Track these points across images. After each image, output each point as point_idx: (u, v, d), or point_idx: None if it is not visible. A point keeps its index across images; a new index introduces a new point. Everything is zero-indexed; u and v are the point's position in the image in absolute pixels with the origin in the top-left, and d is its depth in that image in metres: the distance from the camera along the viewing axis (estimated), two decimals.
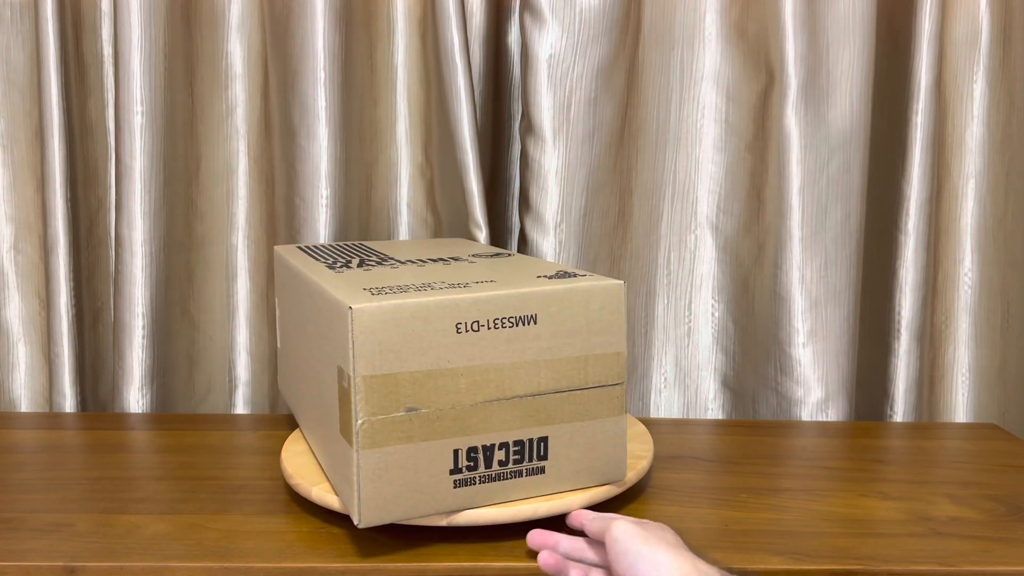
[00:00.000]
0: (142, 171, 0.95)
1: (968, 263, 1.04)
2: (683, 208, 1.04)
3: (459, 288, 0.61)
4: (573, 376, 0.63)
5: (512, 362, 0.61)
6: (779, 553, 0.63)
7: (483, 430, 0.61)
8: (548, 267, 0.70)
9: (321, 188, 0.95)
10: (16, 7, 1.01)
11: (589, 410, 0.64)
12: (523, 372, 0.61)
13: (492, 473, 0.62)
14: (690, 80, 1.02)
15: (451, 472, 0.61)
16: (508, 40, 1.03)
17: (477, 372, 0.60)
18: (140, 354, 0.97)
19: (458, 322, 0.59)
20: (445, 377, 0.59)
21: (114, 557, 0.62)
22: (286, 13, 0.94)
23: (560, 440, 0.63)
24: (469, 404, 0.60)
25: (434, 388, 0.59)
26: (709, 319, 1.05)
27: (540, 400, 0.62)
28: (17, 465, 0.80)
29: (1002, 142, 1.02)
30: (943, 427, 0.95)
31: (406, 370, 0.58)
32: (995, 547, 0.65)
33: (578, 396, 0.63)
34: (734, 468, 0.80)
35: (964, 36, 1.01)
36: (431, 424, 0.60)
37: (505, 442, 0.62)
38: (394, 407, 0.58)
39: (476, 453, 0.61)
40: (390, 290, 0.61)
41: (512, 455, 0.62)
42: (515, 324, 0.60)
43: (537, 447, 0.63)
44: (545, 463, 0.64)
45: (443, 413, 0.60)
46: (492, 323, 0.60)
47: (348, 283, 0.64)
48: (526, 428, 0.62)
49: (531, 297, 0.61)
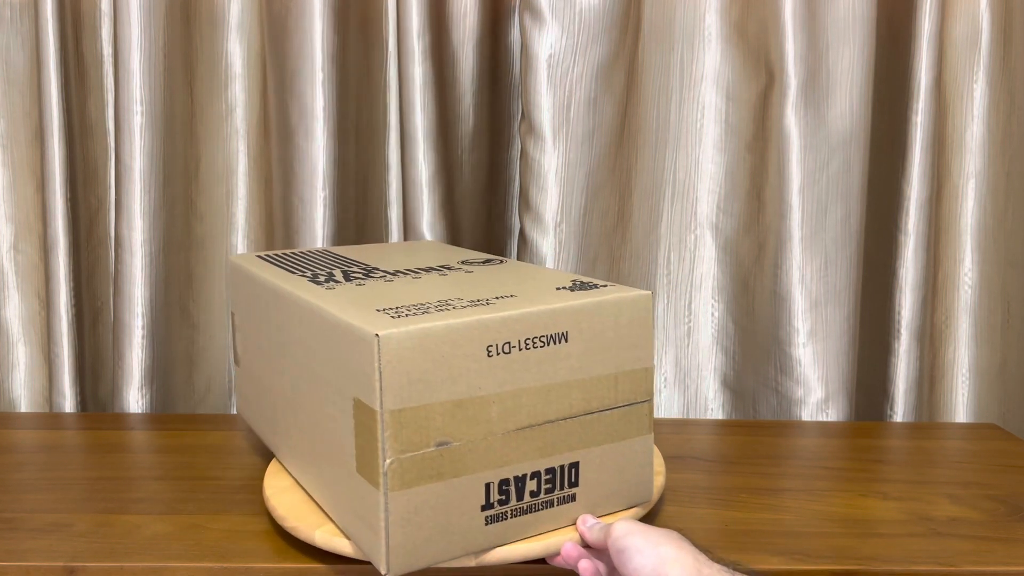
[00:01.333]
0: (142, 171, 0.95)
1: (968, 263, 1.04)
2: (683, 208, 1.04)
3: (483, 306, 0.56)
4: (604, 395, 0.59)
5: (543, 385, 0.57)
6: (779, 553, 0.63)
7: (515, 460, 0.57)
8: (559, 276, 0.66)
9: (319, 188, 0.95)
10: (16, 7, 1.01)
11: (619, 430, 0.60)
12: (555, 395, 0.57)
13: (524, 505, 0.58)
14: (690, 80, 1.02)
15: (483, 508, 0.56)
16: (508, 40, 1.03)
17: (509, 398, 0.55)
18: (140, 354, 0.97)
19: (489, 344, 0.54)
20: (476, 406, 0.54)
21: (114, 557, 0.62)
22: (284, 13, 0.94)
23: (591, 464, 0.60)
24: (501, 433, 0.56)
25: (465, 419, 0.54)
26: (709, 319, 1.05)
27: (572, 423, 0.58)
28: (17, 465, 0.80)
29: (1002, 142, 1.02)
30: (943, 427, 0.95)
31: (436, 401, 0.53)
32: (995, 547, 0.65)
33: (608, 416, 0.60)
34: (734, 468, 0.80)
35: (964, 36, 1.01)
36: (463, 458, 0.55)
37: (537, 471, 0.58)
38: (424, 443, 0.53)
39: (508, 485, 0.57)
40: (408, 311, 0.55)
41: (544, 484, 0.58)
42: (546, 343, 0.56)
43: (568, 474, 0.59)
44: (576, 490, 0.60)
45: (475, 445, 0.55)
46: (523, 344, 0.55)
47: (351, 302, 0.59)
48: (558, 454, 0.58)
49: (562, 313, 0.57)
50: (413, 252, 0.80)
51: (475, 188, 1.02)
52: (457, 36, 0.98)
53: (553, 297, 0.58)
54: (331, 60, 0.94)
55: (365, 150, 1.02)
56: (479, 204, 1.03)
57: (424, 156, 0.94)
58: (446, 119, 0.98)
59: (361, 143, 1.01)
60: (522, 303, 0.57)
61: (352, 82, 0.98)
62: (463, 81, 0.99)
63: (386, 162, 1.04)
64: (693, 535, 0.66)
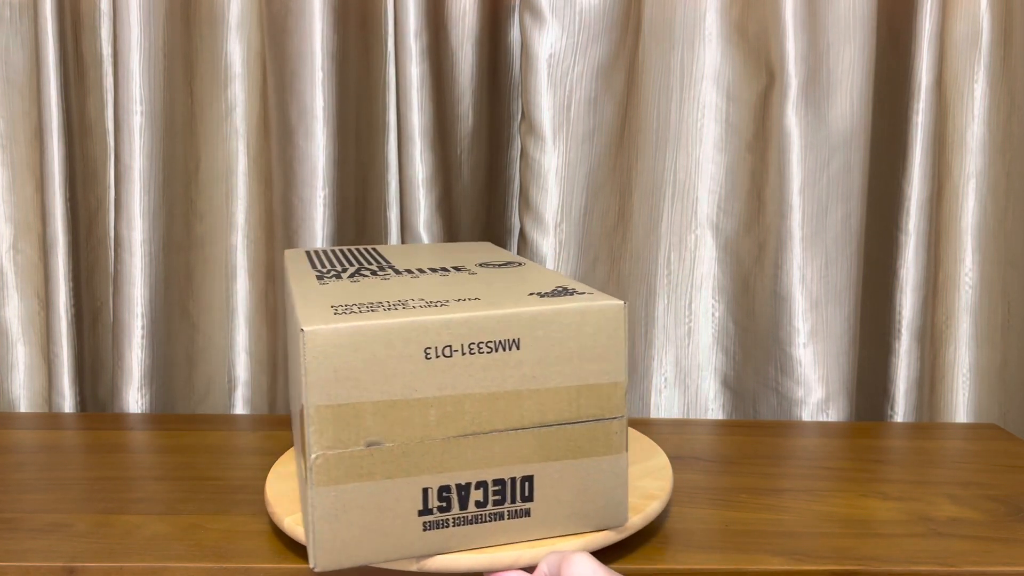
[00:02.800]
0: (141, 171, 0.95)
1: (969, 263, 1.04)
2: (683, 208, 1.04)
3: (433, 307, 0.55)
4: (562, 409, 0.56)
5: (490, 392, 0.54)
6: (779, 553, 0.63)
7: (457, 467, 0.55)
8: (548, 282, 0.63)
9: (319, 188, 0.95)
10: (15, 7, 1.01)
11: (582, 447, 0.57)
12: (503, 403, 0.55)
13: (468, 515, 0.56)
14: (690, 80, 1.02)
15: (420, 513, 0.55)
16: (508, 40, 1.03)
17: (450, 403, 0.54)
18: (139, 354, 0.97)
19: (427, 347, 0.53)
20: (412, 408, 0.53)
21: (113, 557, 0.62)
22: (284, 13, 0.94)
23: (548, 479, 0.57)
24: (440, 438, 0.54)
25: (399, 420, 0.53)
26: (709, 319, 1.05)
27: (524, 435, 0.56)
28: (16, 465, 0.80)
29: (1003, 142, 1.02)
30: (944, 427, 0.95)
31: (367, 400, 0.52)
32: (996, 547, 0.65)
33: (569, 431, 0.56)
34: (734, 468, 0.80)
35: (964, 36, 1.01)
36: (396, 460, 0.54)
37: (483, 481, 0.55)
38: (353, 441, 0.53)
39: (449, 493, 0.55)
40: (359, 308, 0.55)
41: (492, 495, 0.56)
42: (493, 349, 0.54)
43: (521, 487, 0.56)
44: (531, 504, 0.57)
45: (410, 448, 0.54)
46: (467, 348, 0.53)
47: (322, 297, 0.59)
48: (508, 465, 0.56)
49: (513, 319, 0.54)
50: (448, 253, 0.79)
51: (474, 188, 1.02)
52: (456, 36, 0.98)
53: (516, 302, 0.56)
54: (331, 60, 0.94)
55: (365, 150, 1.02)
56: (478, 204, 1.03)
57: (421, 156, 0.94)
58: (445, 119, 0.98)
59: (361, 143, 1.01)
60: (476, 307, 0.55)
61: (352, 82, 0.98)
62: (462, 81, 0.99)
63: (386, 162, 1.04)
64: (693, 535, 0.66)
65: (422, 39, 0.93)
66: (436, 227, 0.96)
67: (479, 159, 1.02)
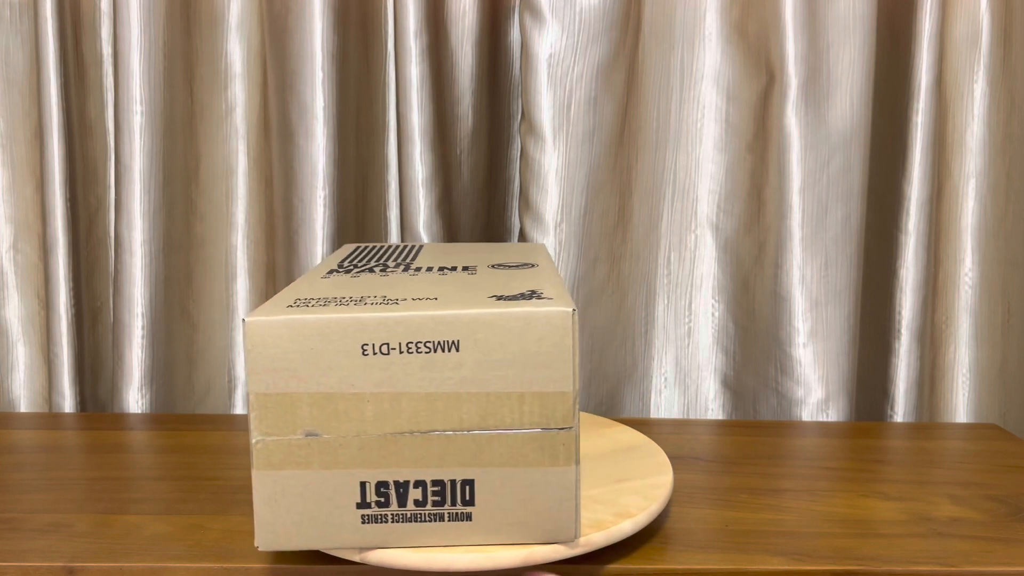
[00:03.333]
0: (141, 171, 0.95)
1: (969, 263, 1.04)
2: (683, 208, 1.04)
3: (377, 305, 0.55)
4: (504, 415, 0.55)
5: (428, 392, 0.54)
6: (780, 553, 0.63)
7: (395, 464, 0.55)
8: (524, 285, 0.62)
9: (319, 188, 0.95)
10: (16, 7, 1.01)
11: (525, 456, 0.55)
12: (442, 404, 0.55)
13: (407, 513, 0.56)
14: (690, 80, 1.02)
15: (358, 506, 0.56)
16: (508, 40, 1.03)
17: (386, 400, 0.54)
18: (139, 354, 0.97)
19: (364, 343, 0.53)
20: (349, 402, 0.54)
21: (113, 557, 0.62)
22: (284, 13, 0.94)
23: (489, 485, 0.56)
24: (377, 434, 0.55)
25: (335, 413, 0.54)
26: (709, 319, 1.05)
27: (463, 437, 0.55)
28: (16, 465, 0.80)
29: (1003, 142, 1.02)
30: (943, 427, 0.95)
31: (304, 391, 0.54)
32: (996, 547, 0.65)
33: (511, 438, 0.55)
34: (734, 468, 0.80)
35: (964, 36, 1.01)
36: (334, 452, 0.55)
37: (422, 480, 0.56)
38: (290, 430, 0.54)
39: (387, 489, 0.56)
40: (316, 302, 0.56)
41: (431, 495, 0.56)
42: (432, 350, 0.54)
43: (461, 490, 0.56)
44: (472, 509, 0.56)
45: (347, 441, 0.55)
46: (405, 347, 0.54)
47: (303, 291, 0.60)
48: (447, 468, 0.55)
49: (452, 320, 0.54)
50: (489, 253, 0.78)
51: (474, 188, 1.02)
52: (456, 36, 0.98)
53: (465, 303, 0.56)
54: (331, 59, 0.94)
55: (365, 150, 1.02)
56: (478, 204, 1.03)
57: (421, 156, 0.94)
58: (445, 119, 0.98)
59: (361, 143, 1.01)
60: (423, 307, 0.55)
61: (352, 82, 0.98)
62: (462, 81, 0.99)
63: (386, 162, 1.04)
64: (693, 536, 0.66)
65: (422, 39, 0.93)
66: (436, 227, 0.96)
67: (479, 159, 1.02)
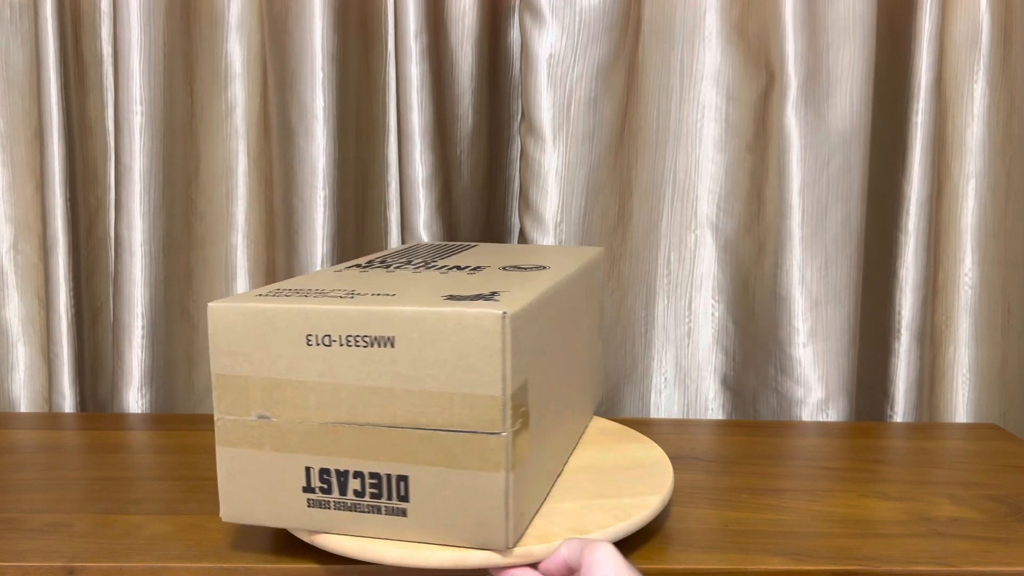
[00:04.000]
0: (141, 171, 0.95)
1: (968, 263, 1.04)
2: (683, 208, 1.04)
3: (330, 298, 0.57)
4: (435, 414, 0.55)
5: (365, 385, 0.55)
6: (780, 553, 0.63)
7: (335, 453, 0.57)
8: (493, 286, 0.61)
9: (319, 188, 0.95)
10: (16, 7, 1.01)
11: (456, 457, 0.55)
12: (377, 398, 0.55)
13: (348, 502, 0.57)
14: (690, 80, 1.02)
15: (304, 490, 0.58)
16: (508, 40, 1.03)
17: (327, 390, 0.56)
18: (139, 354, 0.97)
19: (309, 334, 0.56)
20: (294, 389, 0.56)
21: (114, 557, 0.62)
22: (284, 13, 0.94)
23: (423, 484, 0.56)
24: (319, 422, 0.56)
25: (283, 399, 0.57)
26: (709, 319, 1.05)
27: (397, 433, 0.56)
28: (17, 465, 0.80)
29: (1002, 142, 1.02)
30: (943, 427, 0.95)
31: (256, 376, 0.57)
32: (996, 547, 0.65)
33: (443, 438, 0.55)
34: (734, 468, 0.80)
35: (964, 36, 1.01)
36: (282, 436, 0.57)
37: (361, 471, 0.57)
38: (244, 410, 0.57)
39: (329, 476, 0.57)
40: (285, 292, 0.59)
41: (369, 487, 0.57)
42: (370, 344, 0.55)
43: (397, 485, 0.56)
44: (407, 505, 0.56)
45: (293, 427, 0.57)
46: (345, 339, 0.55)
47: (296, 280, 0.64)
48: (383, 461, 0.56)
49: (388, 317, 0.54)
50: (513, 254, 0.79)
51: (474, 188, 1.02)
52: (456, 36, 0.98)
53: (415, 302, 0.56)
54: (331, 60, 0.94)
55: (365, 150, 1.02)
56: (478, 204, 1.03)
57: (421, 156, 0.95)
58: (445, 119, 0.98)
59: (361, 143, 1.01)
60: (367, 302, 0.56)
61: (352, 82, 0.98)
62: (462, 81, 0.99)
63: (386, 162, 1.04)
64: (693, 535, 0.66)
65: (422, 39, 0.93)
66: (436, 227, 0.96)
67: (479, 159, 1.02)
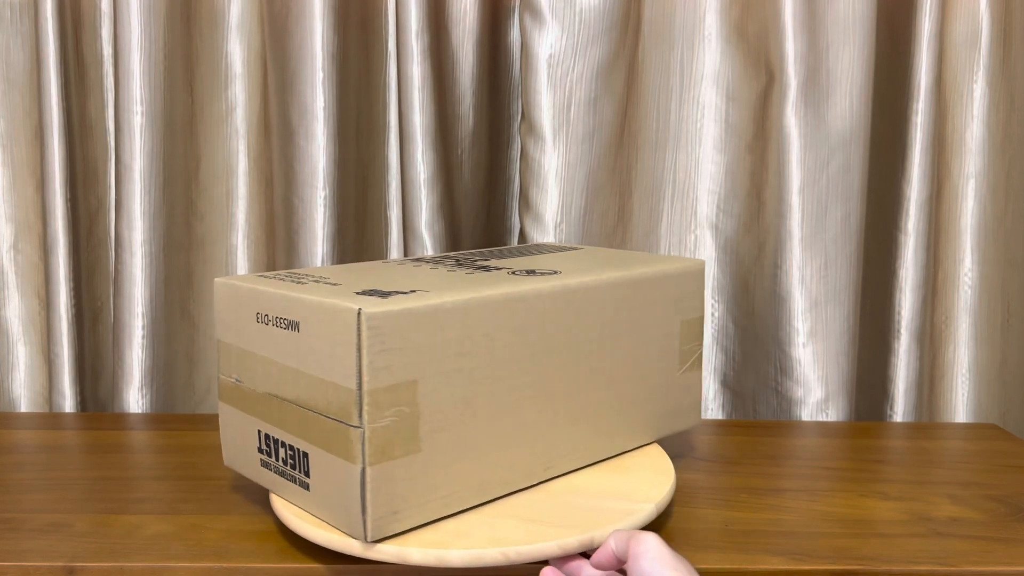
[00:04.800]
0: (142, 171, 0.95)
1: (968, 263, 1.04)
2: (683, 208, 1.04)
3: (284, 283, 0.63)
4: (319, 399, 0.58)
5: (284, 364, 0.60)
6: (780, 553, 0.63)
7: (271, 422, 0.63)
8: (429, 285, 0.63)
9: (319, 188, 0.95)
10: (16, 7, 1.01)
11: (331, 443, 0.57)
12: (290, 377, 0.60)
13: (279, 468, 0.63)
14: (690, 80, 1.02)
15: (258, 450, 0.65)
16: (508, 40, 1.03)
17: (265, 363, 0.62)
18: (140, 354, 0.97)
19: (257, 312, 0.62)
20: (252, 360, 0.64)
21: (114, 557, 0.62)
22: (284, 13, 0.94)
23: (319, 463, 0.59)
24: (261, 392, 0.63)
25: (246, 367, 0.64)
26: (709, 319, 1.05)
27: (301, 412, 0.60)
28: (17, 465, 0.80)
29: (1002, 142, 1.02)
30: (943, 427, 0.95)
31: (235, 344, 0.65)
32: (996, 547, 0.65)
33: (323, 423, 0.58)
34: (734, 468, 0.80)
35: (964, 36, 1.01)
36: (245, 399, 0.65)
37: (284, 442, 0.62)
38: (229, 373, 0.66)
39: (270, 442, 0.63)
40: (281, 277, 0.66)
41: (288, 458, 0.62)
42: (287, 327, 0.60)
43: (302, 460, 0.60)
44: (309, 480, 0.60)
45: (250, 392, 0.64)
46: (274, 320, 0.61)
47: (320, 271, 0.69)
48: (294, 436, 0.61)
49: (295, 303, 0.59)
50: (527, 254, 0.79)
51: (474, 188, 1.02)
52: (457, 36, 0.98)
53: (334, 294, 0.59)
54: (331, 60, 0.94)
55: (365, 150, 1.02)
56: (479, 204, 1.03)
57: (423, 156, 0.95)
58: (445, 119, 0.98)
59: (362, 143, 1.01)
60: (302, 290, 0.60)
61: (352, 82, 0.98)
62: (463, 81, 0.99)
63: (386, 162, 1.04)
64: (693, 535, 0.66)
65: (423, 39, 0.93)
66: (437, 227, 0.96)
67: (479, 159, 1.02)
